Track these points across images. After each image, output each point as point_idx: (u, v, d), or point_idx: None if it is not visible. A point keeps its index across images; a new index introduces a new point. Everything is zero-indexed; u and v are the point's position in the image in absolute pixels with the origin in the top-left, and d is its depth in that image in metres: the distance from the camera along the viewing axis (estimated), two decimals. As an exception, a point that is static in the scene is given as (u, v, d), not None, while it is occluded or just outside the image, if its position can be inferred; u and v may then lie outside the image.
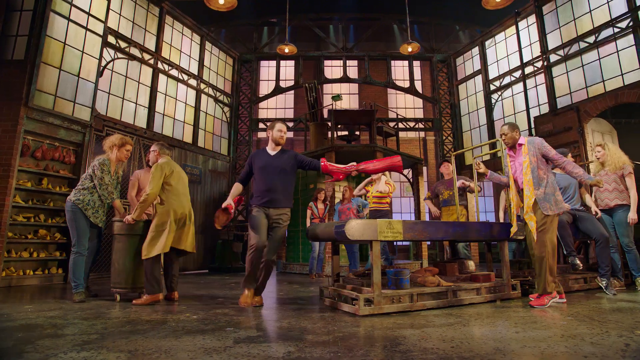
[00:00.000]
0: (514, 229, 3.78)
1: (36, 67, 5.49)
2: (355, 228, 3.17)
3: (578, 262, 4.16)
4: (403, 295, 3.29)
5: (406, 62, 11.06)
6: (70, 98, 6.02)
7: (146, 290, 3.79)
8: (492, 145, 7.47)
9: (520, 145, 3.60)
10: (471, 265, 4.28)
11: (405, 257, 10.92)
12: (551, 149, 3.55)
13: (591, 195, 4.69)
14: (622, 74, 6.58)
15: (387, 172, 4.72)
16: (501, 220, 5.88)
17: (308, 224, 6.51)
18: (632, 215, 4.17)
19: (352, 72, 12.20)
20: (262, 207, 3.54)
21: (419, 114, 12.40)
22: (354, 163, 3.65)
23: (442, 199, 5.38)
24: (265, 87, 12.21)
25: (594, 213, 4.31)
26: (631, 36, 6.48)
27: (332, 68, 11.64)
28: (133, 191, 4.59)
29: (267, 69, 12.27)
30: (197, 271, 8.17)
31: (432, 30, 10.91)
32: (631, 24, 6.48)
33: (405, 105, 12.58)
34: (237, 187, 3.69)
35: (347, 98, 12.46)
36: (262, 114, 12.46)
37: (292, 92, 12.03)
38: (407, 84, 10.93)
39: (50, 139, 5.78)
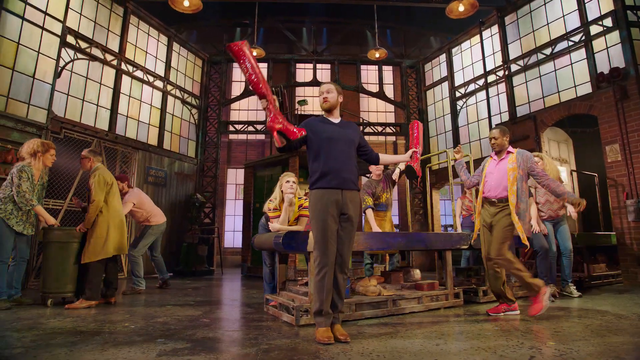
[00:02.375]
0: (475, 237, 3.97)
1: (-14, 68, 5.35)
2: (297, 241, 3.23)
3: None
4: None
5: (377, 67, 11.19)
6: (24, 100, 5.88)
7: (86, 295, 3.92)
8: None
9: (509, 153, 3.54)
10: (416, 273, 4.39)
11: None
12: (538, 165, 3.60)
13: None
14: (575, 86, 6.84)
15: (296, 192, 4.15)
16: (458, 228, 6.00)
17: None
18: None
19: (325, 76, 12.28)
20: (334, 190, 2.67)
21: (390, 118, 12.57)
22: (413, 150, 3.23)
23: (378, 202, 4.88)
24: (237, 89, 12.17)
25: (532, 229, 4.47)
26: (583, 50, 6.75)
27: (305, 71, 11.68)
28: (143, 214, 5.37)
29: (239, 70, 12.18)
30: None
31: (402, 35, 11.08)
32: (583, 38, 6.74)
33: (377, 109, 12.73)
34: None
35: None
36: (234, 116, 12.42)
37: (265, 94, 12.00)
38: (377, 88, 11.06)
39: (2, 141, 5.62)
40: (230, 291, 5.74)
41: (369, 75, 12.30)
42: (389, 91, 12.49)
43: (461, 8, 7.26)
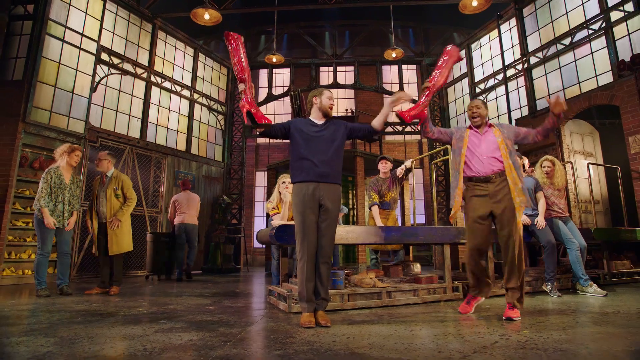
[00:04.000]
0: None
1: (32, 86, 6.07)
2: (288, 233, 3.48)
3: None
4: (334, 294, 3.54)
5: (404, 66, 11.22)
6: (64, 113, 6.60)
7: (117, 283, 4.58)
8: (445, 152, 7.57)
9: (490, 126, 3.16)
10: (416, 267, 4.48)
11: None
12: (519, 127, 3.19)
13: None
14: (596, 76, 6.57)
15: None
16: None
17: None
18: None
19: (348, 78, 12.45)
20: (310, 183, 2.88)
21: (416, 116, 12.48)
22: (427, 86, 3.21)
23: (382, 201, 5.05)
24: (262, 94, 12.63)
25: (535, 222, 4.43)
26: (603, 38, 6.47)
27: (328, 74, 11.91)
28: (172, 210, 6.74)
29: (266, 76, 12.65)
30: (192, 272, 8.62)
31: (421, 34, 11.04)
32: (603, 25, 6.47)
33: (401, 108, 12.69)
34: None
35: (344, 102, 12.74)
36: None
37: (288, 97, 12.38)
38: (398, 88, 11.09)
39: (47, 150, 6.34)
40: (247, 285, 6.08)
41: (392, 75, 12.32)
42: (413, 90, 12.45)
43: (475, 3, 7.20)
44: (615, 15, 6.31)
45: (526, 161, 5.20)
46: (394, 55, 8.91)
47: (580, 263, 4.36)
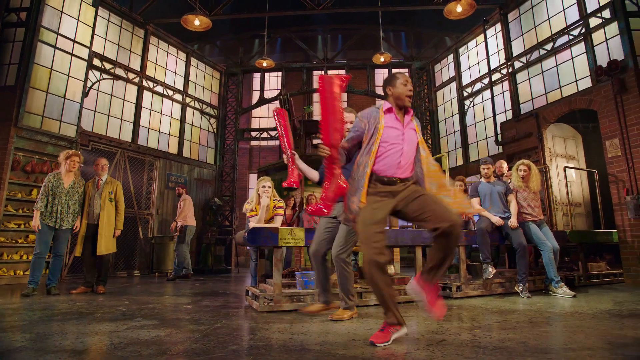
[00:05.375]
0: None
1: (25, 92, 6.25)
2: (260, 236, 3.63)
3: (491, 269, 4.48)
4: (304, 295, 3.69)
5: (394, 70, 11.35)
6: (56, 117, 6.77)
7: (103, 282, 4.83)
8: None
9: (410, 114, 2.47)
10: (390, 269, 4.61)
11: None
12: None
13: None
14: (576, 81, 6.71)
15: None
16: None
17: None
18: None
19: (341, 80, 12.59)
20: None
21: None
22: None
23: None
24: (255, 97, 12.80)
25: (509, 223, 4.54)
26: (583, 43, 6.60)
27: (321, 77, 12.06)
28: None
29: (258, 79, 12.82)
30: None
31: (412, 38, 11.19)
32: (583, 30, 6.60)
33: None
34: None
35: (336, 105, 12.87)
36: (255, 123, 13.06)
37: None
38: (390, 91, 11.21)
39: (39, 154, 6.51)
40: (232, 286, 6.22)
41: (383, 78, 12.46)
42: (405, 93, 12.57)
43: (459, 9, 7.30)
44: (593, 22, 6.44)
45: (505, 165, 5.34)
46: (382, 59, 9.06)
47: (553, 265, 4.47)
